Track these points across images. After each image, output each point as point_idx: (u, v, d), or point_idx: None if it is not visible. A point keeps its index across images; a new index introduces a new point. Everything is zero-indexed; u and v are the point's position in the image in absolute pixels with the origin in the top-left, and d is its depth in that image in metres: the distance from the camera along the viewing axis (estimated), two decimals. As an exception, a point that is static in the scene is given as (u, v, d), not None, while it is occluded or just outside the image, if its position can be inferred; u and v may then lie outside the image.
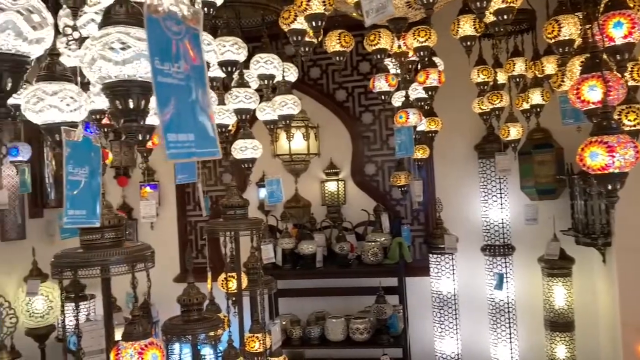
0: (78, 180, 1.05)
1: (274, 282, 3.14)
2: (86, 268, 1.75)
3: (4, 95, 0.83)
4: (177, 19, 0.70)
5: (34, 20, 0.81)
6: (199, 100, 0.70)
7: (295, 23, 2.39)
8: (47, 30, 0.84)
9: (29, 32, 0.80)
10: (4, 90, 0.82)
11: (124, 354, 1.65)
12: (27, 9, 0.80)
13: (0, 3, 0.77)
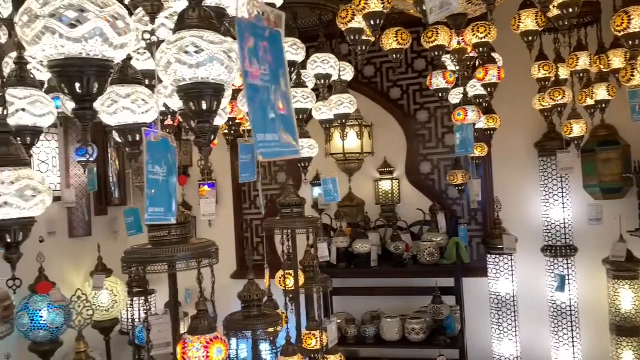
0: (157, 179, 1.10)
1: (329, 280, 3.16)
2: (154, 263, 1.82)
3: (91, 99, 0.88)
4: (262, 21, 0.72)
5: (118, 27, 0.85)
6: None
7: (352, 22, 2.40)
8: (130, 36, 0.89)
9: (115, 37, 0.85)
10: (91, 93, 0.87)
11: (190, 347, 1.71)
12: (112, 16, 0.84)
13: (89, 11, 0.81)
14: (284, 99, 0.72)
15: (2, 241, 1.13)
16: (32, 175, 1.15)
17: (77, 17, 0.81)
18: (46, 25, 0.80)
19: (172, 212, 1.10)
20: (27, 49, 0.85)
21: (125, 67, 1.53)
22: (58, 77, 0.86)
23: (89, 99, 0.88)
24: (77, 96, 0.87)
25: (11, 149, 1.16)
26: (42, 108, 1.51)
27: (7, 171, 1.12)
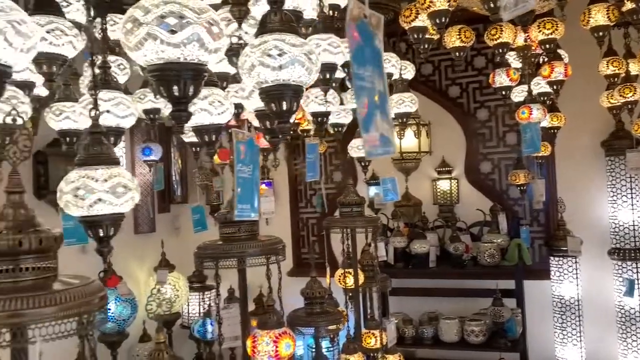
0: (245, 177, 1.14)
1: (388, 280, 3.16)
2: (225, 259, 1.88)
3: (186, 101, 0.92)
4: (366, 24, 0.74)
5: (214, 32, 0.89)
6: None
7: (416, 20, 2.40)
8: (223, 41, 0.93)
9: (210, 42, 0.89)
10: (187, 96, 0.91)
11: (260, 342, 1.76)
12: (208, 22, 0.88)
13: (188, 18, 0.86)
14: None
15: (95, 235, 1.20)
16: (122, 173, 1.22)
17: (177, 24, 0.85)
18: (149, 32, 0.85)
19: (256, 209, 1.14)
20: (130, 55, 0.91)
21: (202, 70, 1.58)
22: (157, 81, 0.91)
23: (185, 101, 0.92)
24: (175, 99, 0.91)
25: (103, 149, 1.23)
26: (124, 110, 1.59)
27: (101, 170, 1.19)
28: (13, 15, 0.81)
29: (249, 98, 1.39)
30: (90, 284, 1.10)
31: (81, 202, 1.16)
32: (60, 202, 1.20)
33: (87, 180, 1.16)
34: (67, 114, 1.94)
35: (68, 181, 1.17)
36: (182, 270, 4.40)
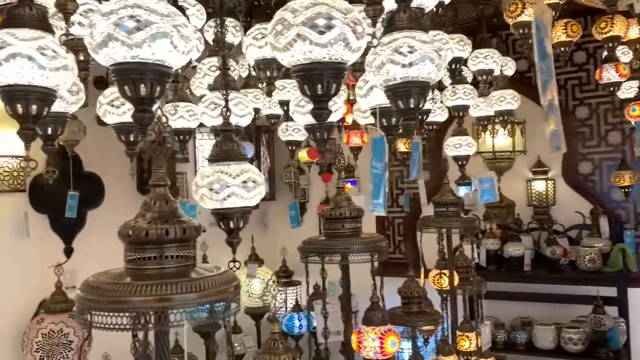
0: (378, 174, 1.16)
1: (484, 283, 3.09)
2: (329, 254, 1.92)
3: (327, 99, 0.96)
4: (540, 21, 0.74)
5: (358, 31, 0.92)
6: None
7: (522, 15, 2.32)
8: (365, 40, 0.95)
9: (354, 42, 0.92)
10: (329, 94, 0.95)
11: (366, 337, 1.78)
12: (353, 22, 0.91)
13: (336, 18, 0.88)
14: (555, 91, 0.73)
15: (227, 227, 1.27)
16: (252, 169, 1.28)
17: (326, 24, 0.89)
18: (299, 33, 0.89)
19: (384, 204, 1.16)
20: (277, 55, 0.95)
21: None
22: (301, 80, 0.95)
23: (326, 99, 0.96)
24: (317, 97, 0.95)
25: (234, 146, 1.30)
26: (243, 109, 1.66)
27: (233, 165, 1.25)
28: (177, 20, 0.88)
29: (366, 96, 1.41)
30: (225, 274, 1.17)
31: (216, 196, 1.22)
32: (195, 196, 1.27)
33: (221, 175, 1.22)
34: (181, 113, 2.05)
35: (203, 176, 1.25)
36: (270, 266, 4.51)
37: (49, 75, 0.98)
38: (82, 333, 2.92)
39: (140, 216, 1.13)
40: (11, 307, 3.02)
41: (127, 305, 1.04)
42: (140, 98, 0.90)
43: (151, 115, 0.93)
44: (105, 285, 1.06)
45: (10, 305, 3.02)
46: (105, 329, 1.08)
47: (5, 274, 2.97)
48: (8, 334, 2.99)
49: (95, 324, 1.07)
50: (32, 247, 3.10)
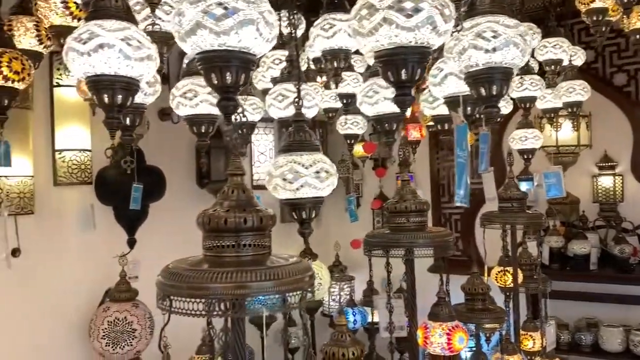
0: (462, 163, 1.13)
1: (548, 281, 2.97)
2: (394, 248, 1.89)
3: (411, 85, 0.93)
4: None
5: (445, 14, 0.89)
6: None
7: (596, 2, 2.22)
8: (451, 24, 0.92)
9: (442, 25, 0.89)
10: (413, 80, 0.92)
11: (432, 333, 1.74)
12: (441, 4, 0.88)
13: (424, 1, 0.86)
14: None
15: (299, 217, 1.27)
16: (324, 159, 1.27)
17: (414, 7, 0.86)
18: (385, 17, 0.87)
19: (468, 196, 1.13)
20: (360, 41, 0.93)
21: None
22: (384, 66, 0.93)
23: (410, 85, 0.93)
24: (401, 83, 0.93)
25: (306, 136, 1.29)
26: (310, 101, 1.66)
27: (306, 155, 1.25)
28: (263, 7, 0.88)
29: (440, 84, 1.37)
30: (300, 263, 1.16)
31: (289, 186, 1.22)
32: (269, 186, 1.28)
33: (294, 165, 1.22)
34: (246, 106, 2.06)
35: (277, 166, 1.25)
36: (323, 260, 4.51)
37: (134, 65, 1.00)
38: (145, 322, 3.00)
39: (218, 204, 1.14)
40: (79, 295, 3.14)
41: (206, 292, 1.06)
42: (226, 86, 0.90)
43: (236, 104, 0.93)
44: (185, 272, 1.07)
45: (79, 293, 3.14)
46: (183, 315, 1.10)
47: (74, 263, 3.09)
48: (76, 320, 3.12)
49: (175, 309, 1.09)
50: (97, 237, 3.21)
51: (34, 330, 2.94)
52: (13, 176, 2.82)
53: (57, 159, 3.08)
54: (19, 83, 1.46)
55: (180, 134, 3.74)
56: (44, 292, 2.99)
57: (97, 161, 3.26)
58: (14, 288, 2.87)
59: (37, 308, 2.95)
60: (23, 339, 2.88)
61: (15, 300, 2.87)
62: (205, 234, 1.14)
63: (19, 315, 2.87)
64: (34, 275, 2.96)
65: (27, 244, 2.90)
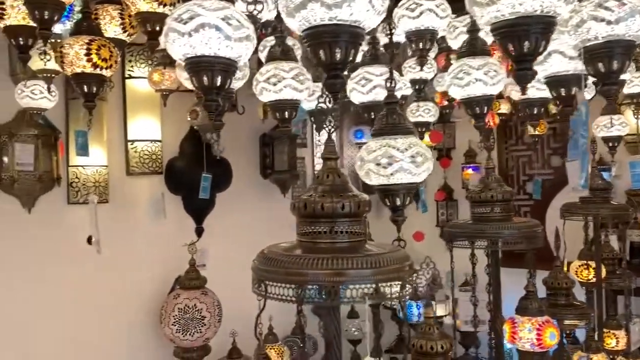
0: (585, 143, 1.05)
1: (633, 277, 2.80)
2: (478, 239, 1.81)
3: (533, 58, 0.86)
4: None
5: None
6: None
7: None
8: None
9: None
10: (535, 52, 0.85)
11: (521, 328, 1.66)
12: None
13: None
14: None
15: (392, 204, 1.21)
16: (419, 142, 1.21)
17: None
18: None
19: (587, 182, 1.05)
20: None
21: (474, 39, 1.52)
22: (504, 38, 0.86)
23: (532, 58, 0.86)
24: (522, 56, 0.86)
25: (400, 119, 1.23)
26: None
27: (400, 139, 1.19)
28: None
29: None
30: (399, 252, 1.12)
31: (383, 171, 1.17)
32: (360, 171, 1.23)
33: (389, 149, 1.17)
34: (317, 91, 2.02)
35: (369, 150, 1.20)
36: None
37: (234, 45, 0.97)
38: (214, 309, 3.04)
39: (312, 189, 1.10)
40: (151, 281, 3.22)
41: (303, 278, 1.03)
42: (334, 63, 0.86)
43: (343, 82, 0.89)
44: (282, 257, 1.05)
45: (150, 280, 3.22)
46: (278, 300, 1.08)
47: (146, 251, 3.16)
48: (148, 306, 3.20)
49: (270, 294, 1.07)
50: (167, 226, 3.28)
51: (110, 315, 3.03)
52: (89, 166, 2.90)
53: (130, 149, 3.15)
54: (107, 70, 1.48)
55: (245, 124, 3.76)
56: (119, 279, 3.08)
57: (166, 151, 3.32)
58: (92, 275, 2.97)
59: (113, 294, 3.04)
60: (101, 323, 2.98)
61: (94, 286, 2.96)
62: (300, 219, 1.11)
63: (97, 301, 2.97)
64: (110, 262, 3.05)
65: (102, 233, 2.99)
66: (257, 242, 4.18)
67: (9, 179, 2.59)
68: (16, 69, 2.67)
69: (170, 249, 3.21)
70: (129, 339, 3.11)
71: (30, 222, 2.72)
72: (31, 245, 2.74)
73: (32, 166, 2.62)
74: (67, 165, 2.85)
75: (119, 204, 3.09)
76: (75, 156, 2.83)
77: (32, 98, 2.41)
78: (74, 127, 2.86)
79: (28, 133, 2.64)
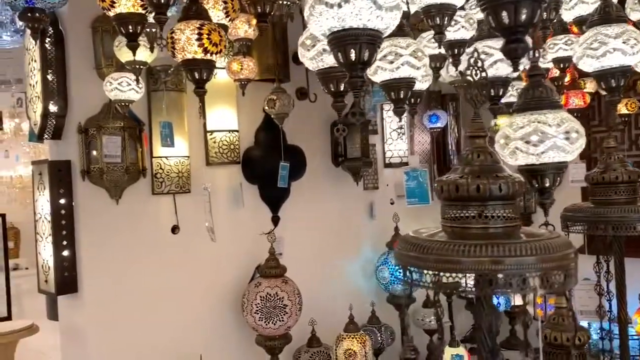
0: None
1: None
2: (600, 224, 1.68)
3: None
4: None
5: None
6: None
7: None
8: None
9: None
10: None
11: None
12: None
13: None
14: None
15: (540, 186, 1.12)
16: (570, 117, 1.11)
17: None
18: None
19: None
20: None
21: (608, 6, 1.39)
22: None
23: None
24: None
25: (546, 92, 1.13)
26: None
27: (550, 114, 1.09)
28: None
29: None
30: (559, 238, 1.02)
31: (533, 149, 1.08)
32: (504, 150, 1.14)
33: (539, 125, 1.07)
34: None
35: (516, 127, 1.10)
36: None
37: (384, 15, 0.90)
38: (294, 298, 3.02)
39: (459, 170, 1.02)
40: (231, 270, 3.23)
41: (456, 266, 0.95)
42: (518, 25, 0.77)
43: (526, 46, 0.81)
44: (432, 244, 0.98)
45: (231, 268, 3.23)
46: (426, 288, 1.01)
47: (226, 240, 3.17)
48: (229, 295, 3.21)
49: (417, 282, 1.01)
50: (245, 215, 3.27)
51: (192, 303, 3.06)
52: (172, 156, 2.92)
53: (209, 140, 3.15)
54: (217, 55, 1.44)
55: (317, 112, 3.71)
56: (201, 267, 3.10)
57: (243, 141, 3.31)
58: (176, 263, 3.00)
59: (195, 282, 3.07)
60: (183, 311, 3.01)
61: (177, 275, 3.00)
62: (447, 202, 1.03)
63: (180, 289, 3.01)
64: (192, 251, 3.07)
65: (185, 222, 3.02)
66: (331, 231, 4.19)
67: (98, 171, 2.63)
68: (101, 62, 2.71)
69: (248, 238, 3.20)
70: (212, 327, 3.13)
71: (118, 213, 2.76)
72: (118, 235, 2.78)
73: (119, 158, 2.66)
74: (150, 157, 2.87)
75: (199, 194, 3.10)
76: (159, 148, 2.86)
77: (120, 90, 2.43)
78: (156, 118, 2.88)
79: (114, 125, 2.67)
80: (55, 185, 2.65)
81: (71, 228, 2.68)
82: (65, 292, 2.68)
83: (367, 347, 3.02)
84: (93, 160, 2.66)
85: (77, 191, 2.68)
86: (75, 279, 2.68)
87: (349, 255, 3.95)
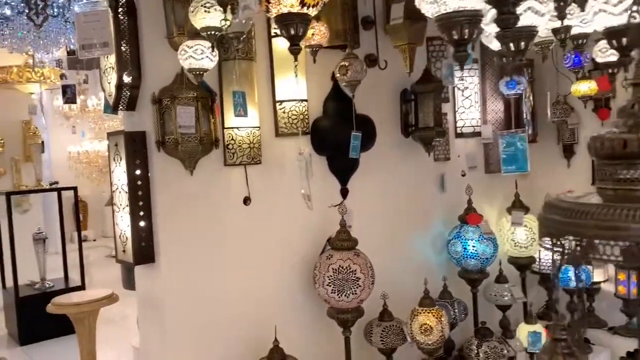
0: None
1: None
2: None
3: None
4: None
5: None
6: None
7: None
8: None
9: None
10: None
11: None
12: None
13: None
14: None
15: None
16: None
17: None
18: None
19: None
20: None
21: None
22: None
23: None
24: None
25: None
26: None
27: None
28: None
29: None
30: None
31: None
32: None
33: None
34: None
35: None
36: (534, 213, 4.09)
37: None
38: (367, 271, 2.95)
39: (620, 125, 0.89)
40: (302, 242, 3.19)
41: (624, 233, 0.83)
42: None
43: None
44: (592, 208, 0.86)
45: (301, 240, 3.19)
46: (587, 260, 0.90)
47: (296, 212, 3.13)
48: (300, 267, 3.18)
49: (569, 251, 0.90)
50: (314, 187, 3.20)
51: (266, 275, 3.05)
52: (243, 127, 2.88)
53: (278, 110, 3.09)
54: (313, 9, 1.34)
55: (386, 80, 3.58)
56: (272, 238, 3.08)
57: (312, 111, 3.23)
58: (248, 235, 2.98)
59: (267, 253, 3.05)
60: (257, 282, 3.01)
61: (249, 246, 2.98)
62: (606, 162, 0.90)
63: (252, 260, 2.99)
64: (264, 222, 3.05)
65: (256, 193, 2.98)
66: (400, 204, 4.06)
67: (173, 142, 2.61)
68: (172, 31, 2.67)
69: (317, 210, 3.15)
70: (284, 299, 3.12)
71: (192, 184, 2.75)
72: (193, 207, 2.78)
73: (193, 128, 2.63)
74: (222, 128, 2.84)
75: (270, 165, 3.06)
76: (231, 118, 2.82)
77: (195, 59, 2.38)
78: (227, 88, 2.83)
79: (188, 96, 2.64)
80: (131, 156, 2.66)
81: (147, 199, 2.69)
82: (143, 261, 2.71)
83: (444, 322, 2.93)
84: (168, 131, 2.64)
85: (152, 162, 2.69)
86: (152, 249, 2.70)
87: (418, 229, 3.84)
